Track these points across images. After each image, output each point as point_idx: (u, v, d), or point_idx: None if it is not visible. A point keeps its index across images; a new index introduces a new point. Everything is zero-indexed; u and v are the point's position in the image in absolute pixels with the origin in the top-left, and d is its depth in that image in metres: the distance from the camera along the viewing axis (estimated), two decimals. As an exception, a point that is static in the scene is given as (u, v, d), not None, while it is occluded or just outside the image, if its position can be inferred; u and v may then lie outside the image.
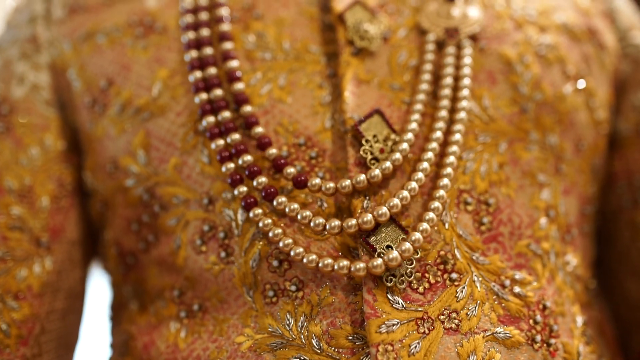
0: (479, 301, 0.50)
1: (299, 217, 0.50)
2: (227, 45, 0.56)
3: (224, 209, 0.53)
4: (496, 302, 0.50)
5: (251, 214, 0.51)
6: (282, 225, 0.51)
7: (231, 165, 0.52)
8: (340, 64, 0.55)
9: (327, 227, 0.49)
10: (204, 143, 0.55)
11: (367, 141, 0.52)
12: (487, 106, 0.56)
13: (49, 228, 0.60)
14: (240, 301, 0.52)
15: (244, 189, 0.51)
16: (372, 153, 0.51)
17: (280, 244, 0.49)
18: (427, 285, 0.49)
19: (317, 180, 0.50)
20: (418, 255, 0.49)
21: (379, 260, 0.47)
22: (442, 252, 0.50)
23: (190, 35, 0.58)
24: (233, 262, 0.52)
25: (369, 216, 0.48)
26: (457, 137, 0.53)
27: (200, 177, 0.54)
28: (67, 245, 0.62)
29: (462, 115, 0.54)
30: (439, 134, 0.52)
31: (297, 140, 0.53)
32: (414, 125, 0.52)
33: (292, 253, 0.49)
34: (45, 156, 0.61)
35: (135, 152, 0.57)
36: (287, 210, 0.50)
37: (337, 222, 0.49)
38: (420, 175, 0.50)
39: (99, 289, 0.79)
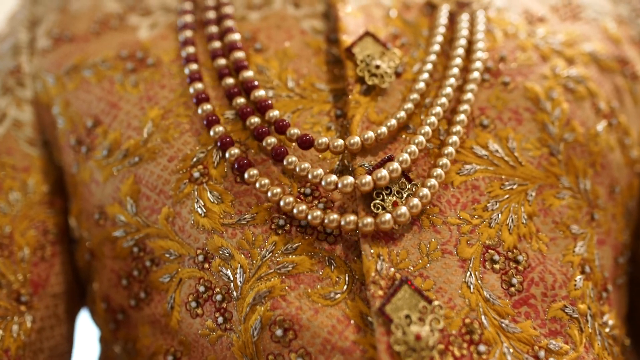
0: None
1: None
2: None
3: (221, 268, 0.47)
4: None
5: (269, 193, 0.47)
6: (287, 285, 0.46)
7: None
8: (349, 103, 0.50)
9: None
10: (199, 192, 0.49)
11: (378, 194, 0.46)
12: (513, 148, 0.51)
13: (30, 281, 0.54)
14: None
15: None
16: (384, 208, 0.46)
17: (282, 203, 0.46)
18: (451, 359, 0.43)
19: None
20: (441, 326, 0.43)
21: (387, 216, 0.44)
22: (467, 320, 0.44)
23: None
24: (232, 329, 0.47)
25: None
26: (469, 95, 0.51)
27: (194, 231, 0.49)
28: (51, 299, 0.56)
29: (475, 75, 0.52)
30: (448, 90, 0.51)
31: (303, 189, 0.48)
32: (421, 85, 0.51)
33: (294, 211, 0.46)
34: (27, 201, 0.56)
35: (124, 201, 0.52)
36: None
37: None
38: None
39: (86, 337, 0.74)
